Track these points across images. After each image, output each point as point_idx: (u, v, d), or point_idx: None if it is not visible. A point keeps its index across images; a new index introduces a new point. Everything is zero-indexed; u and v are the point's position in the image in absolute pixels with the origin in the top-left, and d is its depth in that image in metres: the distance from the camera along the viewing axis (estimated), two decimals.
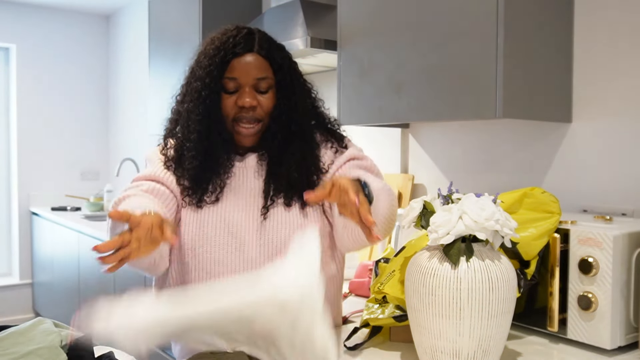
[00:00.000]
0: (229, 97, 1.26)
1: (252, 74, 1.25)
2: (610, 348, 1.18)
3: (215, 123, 1.26)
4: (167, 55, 3.22)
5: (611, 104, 1.58)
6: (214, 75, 1.25)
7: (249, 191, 1.30)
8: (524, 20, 1.49)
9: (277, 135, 1.28)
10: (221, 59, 1.25)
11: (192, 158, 1.27)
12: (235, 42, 1.26)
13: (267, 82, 1.27)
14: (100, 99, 4.97)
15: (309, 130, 1.33)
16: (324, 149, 1.35)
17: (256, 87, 1.26)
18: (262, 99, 1.27)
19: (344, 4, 1.93)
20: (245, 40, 1.26)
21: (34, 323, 1.05)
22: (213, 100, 1.25)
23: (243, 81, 1.25)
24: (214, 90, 1.25)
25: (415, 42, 1.67)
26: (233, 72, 1.25)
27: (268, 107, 1.27)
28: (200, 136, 1.26)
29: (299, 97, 1.30)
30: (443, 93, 1.59)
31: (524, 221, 1.21)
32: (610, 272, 1.16)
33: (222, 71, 1.25)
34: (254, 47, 1.26)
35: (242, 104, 1.25)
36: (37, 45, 4.65)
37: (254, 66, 1.25)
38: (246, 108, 1.25)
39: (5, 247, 4.76)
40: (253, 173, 1.32)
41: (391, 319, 1.21)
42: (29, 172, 4.65)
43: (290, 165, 1.28)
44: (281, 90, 1.29)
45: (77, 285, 3.70)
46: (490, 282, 0.99)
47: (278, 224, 1.26)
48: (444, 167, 2.08)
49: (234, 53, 1.25)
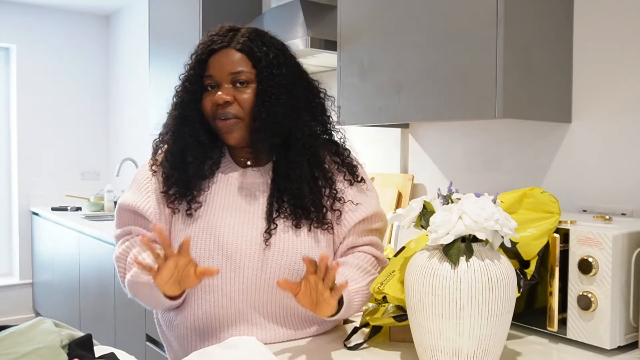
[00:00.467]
0: (207, 95, 1.23)
1: (226, 68, 1.20)
2: (610, 348, 1.18)
3: (191, 124, 1.23)
4: (167, 55, 3.22)
5: (611, 104, 1.58)
6: (192, 76, 1.23)
7: (248, 209, 1.24)
8: (524, 21, 1.49)
9: (262, 135, 1.21)
10: (198, 57, 1.23)
11: (174, 167, 1.24)
12: (212, 39, 1.22)
13: (244, 75, 1.20)
14: (100, 99, 4.97)
15: (312, 140, 1.25)
16: (339, 183, 1.29)
17: (233, 83, 1.21)
18: (238, 94, 1.20)
19: (344, 4, 1.93)
20: (224, 37, 1.22)
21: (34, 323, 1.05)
22: (191, 101, 1.23)
23: (218, 77, 1.21)
24: (192, 90, 1.23)
25: (415, 42, 1.67)
26: (209, 69, 1.22)
27: (247, 103, 1.20)
28: (181, 141, 1.24)
29: (282, 91, 1.20)
30: (443, 93, 1.59)
31: (524, 221, 1.21)
32: (609, 272, 1.16)
33: (200, 71, 1.22)
34: (231, 43, 1.21)
35: (214, 100, 1.20)
36: (37, 45, 4.65)
37: (228, 61, 1.20)
38: (221, 105, 1.20)
39: (6, 247, 4.77)
40: (254, 190, 1.27)
41: (391, 319, 1.21)
42: (29, 172, 4.65)
43: (301, 185, 1.22)
44: (260, 84, 1.20)
45: (77, 285, 3.70)
46: (490, 282, 0.99)
47: (283, 250, 1.21)
48: (444, 167, 2.08)
49: (210, 51, 1.22)
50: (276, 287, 1.21)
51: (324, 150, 1.30)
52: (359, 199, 1.30)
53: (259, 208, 1.25)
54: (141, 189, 1.28)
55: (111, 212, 4.21)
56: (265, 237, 1.21)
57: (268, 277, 1.21)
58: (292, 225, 1.23)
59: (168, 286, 1.09)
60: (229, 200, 1.25)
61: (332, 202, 1.27)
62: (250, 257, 1.20)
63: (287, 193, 1.23)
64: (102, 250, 3.24)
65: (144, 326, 2.82)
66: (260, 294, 1.22)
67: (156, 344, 2.75)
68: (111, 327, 3.22)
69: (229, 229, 1.22)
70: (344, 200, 1.28)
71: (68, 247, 3.82)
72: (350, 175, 1.31)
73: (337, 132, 1.34)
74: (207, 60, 1.22)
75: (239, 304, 1.22)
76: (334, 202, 1.27)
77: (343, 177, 1.31)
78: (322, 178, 1.27)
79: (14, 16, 4.54)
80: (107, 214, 4.12)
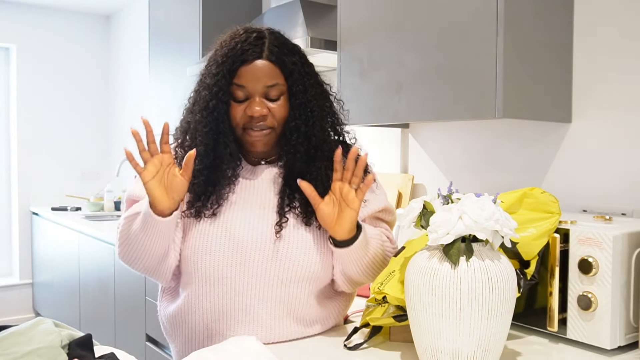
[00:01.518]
0: (238, 106, 1.22)
1: (261, 81, 1.20)
2: (610, 348, 1.18)
3: (223, 135, 1.22)
4: (167, 55, 3.22)
5: (611, 104, 1.58)
6: (222, 85, 1.20)
7: (260, 204, 1.25)
8: (524, 20, 1.49)
9: (298, 148, 1.23)
10: (229, 66, 1.20)
11: (199, 172, 1.23)
12: (243, 47, 1.20)
13: (277, 89, 1.21)
14: (100, 98, 4.97)
15: (330, 145, 1.27)
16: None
17: (266, 95, 1.21)
18: (273, 107, 1.21)
19: (344, 4, 1.93)
20: (254, 46, 1.20)
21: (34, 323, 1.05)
22: (221, 110, 1.21)
23: (252, 89, 1.20)
24: (222, 100, 1.21)
25: (415, 42, 1.67)
26: (241, 80, 1.20)
27: (280, 115, 1.22)
28: (207, 149, 1.22)
29: (314, 104, 1.24)
30: (443, 93, 1.59)
31: (524, 221, 1.21)
32: (610, 272, 1.16)
33: (230, 79, 1.20)
34: (263, 53, 1.20)
35: (251, 113, 1.20)
36: (37, 45, 4.65)
37: (263, 74, 1.20)
38: (256, 117, 1.20)
39: (6, 247, 4.77)
40: (266, 185, 1.28)
41: (391, 319, 1.21)
42: (29, 172, 4.65)
43: (316, 185, 1.22)
44: (294, 97, 1.23)
45: (77, 285, 3.71)
46: (490, 282, 0.99)
47: (294, 243, 1.23)
48: (444, 167, 2.08)
49: (242, 60, 1.20)
50: (285, 283, 1.22)
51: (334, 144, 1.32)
52: (367, 197, 1.32)
53: (271, 202, 1.26)
54: None
55: (111, 212, 4.21)
56: (276, 229, 1.22)
57: (277, 271, 1.22)
58: (302, 222, 1.25)
59: (156, 188, 1.12)
60: (241, 195, 1.27)
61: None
62: (261, 250, 1.21)
63: (300, 192, 1.24)
64: (102, 250, 3.24)
65: (144, 326, 2.82)
66: (269, 289, 1.22)
67: (156, 344, 2.75)
68: (111, 327, 3.22)
69: (241, 222, 1.23)
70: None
71: (68, 247, 3.82)
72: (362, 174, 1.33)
73: (348, 133, 1.36)
74: (237, 69, 1.21)
75: (247, 299, 1.22)
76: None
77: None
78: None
79: (14, 16, 4.54)
80: (107, 214, 4.12)
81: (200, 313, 1.24)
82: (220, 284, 1.22)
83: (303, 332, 1.28)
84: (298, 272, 1.22)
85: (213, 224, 1.23)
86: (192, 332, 1.26)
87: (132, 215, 1.21)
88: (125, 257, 1.24)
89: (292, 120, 1.23)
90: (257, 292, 1.22)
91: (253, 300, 1.22)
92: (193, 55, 2.91)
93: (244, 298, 1.22)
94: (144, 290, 2.75)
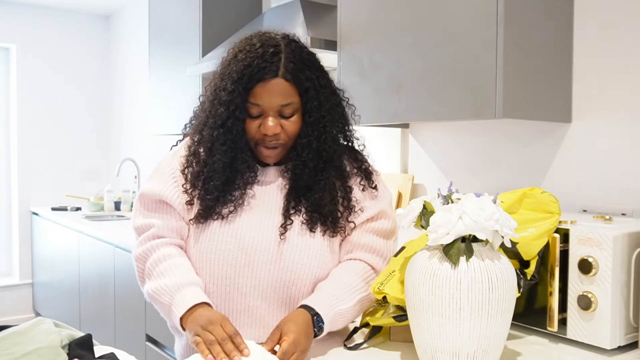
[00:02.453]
0: (252, 121, 1.22)
1: (276, 101, 1.19)
2: (610, 348, 1.18)
3: (241, 151, 1.23)
4: (167, 55, 3.22)
5: (611, 104, 1.58)
6: (238, 102, 1.20)
7: (266, 207, 1.26)
8: (524, 20, 1.49)
9: (308, 164, 1.24)
10: (245, 84, 1.19)
11: (215, 188, 1.23)
12: (259, 66, 1.18)
13: (292, 107, 1.21)
14: (100, 99, 4.97)
15: (340, 157, 1.29)
16: (354, 185, 1.31)
17: (280, 113, 1.21)
18: (286, 124, 1.22)
19: (344, 4, 1.93)
20: (270, 64, 1.18)
21: (34, 323, 1.05)
22: (238, 128, 1.21)
23: (266, 108, 1.20)
24: (239, 117, 1.21)
25: (415, 42, 1.67)
26: (256, 98, 1.19)
27: (293, 131, 1.23)
28: (225, 166, 1.23)
29: (327, 119, 1.25)
30: (443, 93, 1.59)
31: (524, 221, 1.21)
32: (610, 272, 1.16)
33: (246, 97, 1.20)
34: (279, 72, 1.19)
35: (265, 131, 1.20)
36: (37, 45, 4.65)
37: (278, 92, 1.19)
38: (269, 136, 1.21)
39: (6, 247, 4.76)
40: (274, 189, 1.28)
41: (391, 319, 1.21)
42: (29, 172, 4.65)
43: (323, 195, 1.24)
44: (308, 114, 1.23)
45: (77, 285, 3.71)
46: (490, 282, 0.99)
47: (298, 246, 1.24)
48: (444, 167, 2.08)
49: (257, 79, 1.19)
50: (288, 285, 1.23)
51: (344, 155, 1.32)
52: (367, 204, 1.31)
53: (277, 205, 1.27)
54: (166, 179, 1.28)
55: (111, 212, 4.21)
56: (281, 231, 1.23)
57: (281, 273, 1.22)
58: (307, 227, 1.25)
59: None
60: (250, 198, 1.27)
61: (348, 213, 1.29)
62: (265, 251, 1.22)
63: (306, 199, 1.25)
64: (102, 250, 3.24)
65: (144, 326, 2.82)
66: (272, 291, 1.23)
67: (156, 344, 2.75)
68: (111, 327, 3.22)
69: (247, 224, 1.24)
70: (356, 209, 1.30)
71: (68, 247, 3.82)
72: (365, 180, 1.33)
73: (357, 139, 1.36)
74: (253, 88, 1.20)
75: (250, 300, 1.23)
76: (350, 214, 1.29)
77: (359, 181, 1.32)
78: (342, 189, 1.29)
79: (14, 16, 4.54)
80: (107, 214, 4.12)
81: None
82: (225, 284, 1.23)
83: None
84: (301, 275, 1.23)
85: (222, 225, 1.24)
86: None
87: (160, 303, 1.20)
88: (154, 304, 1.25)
89: (305, 137, 1.24)
90: (261, 294, 1.23)
91: (256, 302, 1.23)
92: (193, 55, 2.91)
93: (247, 299, 1.23)
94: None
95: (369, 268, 1.30)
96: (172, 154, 1.33)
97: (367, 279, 1.28)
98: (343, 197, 1.28)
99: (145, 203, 1.29)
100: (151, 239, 1.26)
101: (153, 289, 1.21)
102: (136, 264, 1.28)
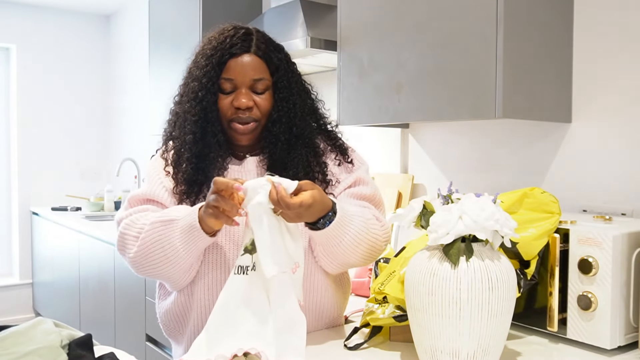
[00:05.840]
0: (225, 98, 1.26)
1: (248, 74, 1.25)
2: (610, 348, 1.18)
3: (211, 124, 1.25)
4: (167, 55, 3.22)
5: (611, 104, 1.58)
6: (211, 76, 1.24)
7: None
8: (524, 20, 1.49)
9: (279, 137, 1.27)
10: (218, 59, 1.25)
11: (187, 160, 1.25)
12: (232, 42, 1.25)
13: (263, 83, 1.26)
14: (100, 99, 4.97)
15: (311, 134, 1.32)
16: (329, 160, 1.34)
17: (253, 88, 1.26)
18: (258, 100, 1.26)
19: (344, 4, 1.93)
20: (243, 41, 1.26)
21: (34, 323, 1.05)
22: (209, 101, 1.25)
23: (239, 82, 1.25)
24: (211, 90, 1.25)
25: (415, 42, 1.67)
26: (229, 72, 1.25)
27: (265, 108, 1.27)
28: (196, 137, 1.25)
29: (297, 98, 1.29)
30: (443, 93, 1.59)
31: (524, 221, 1.21)
32: (609, 272, 1.16)
33: (219, 72, 1.25)
34: (251, 48, 1.25)
35: (238, 104, 1.24)
36: (37, 45, 4.65)
37: (250, 67, 1.25)
38: (242, 109, 1.25)
39: (6, 247, 4.77)
40: (252, 176, 1.30)
41: (391, 319, 1.21)
42: (29, 172, 4.65)
43: (297, 170, 1.26)
44: (278, 92, 1.28)
45: (77, 285, 3.71)
46: (490, 282, 0.99)
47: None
48: (444, 167, 2.08)
49: (230, 53, 1.25)
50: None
51: (318, 136, 1.36)
52: (343, 176, 1.34)
53: None
54: (153, 180, 1.30)
55: (111, 212, 4.21)
56: None
57: None
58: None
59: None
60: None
61: (325, 186, 1.30)
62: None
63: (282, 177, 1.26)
64: (102, 250, 3.24)
65: (144, 326, 2.82)
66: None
67: (156, 344, 2.75)
68: (111, 327, 3.22)
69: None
70: (333, 182, 1.32)
71: (68, 247, 3.82)
72: (341, 156, 1.36)
73: (330, 124, 1.39)
74: (226, 62, 1.25)
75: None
76: (327, 187, 1.31)
77: (334, 156, 1.35)
78: (316, 164, 1.31)
79: (14, 16, 4.54)
80: (107, 214, 4.12)
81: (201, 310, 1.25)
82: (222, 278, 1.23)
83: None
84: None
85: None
86: (197, 331, 1.27)
87: (162, 223, 1.17)
88: (144, 262, 1.19)
89: (275, 113, 1.28)
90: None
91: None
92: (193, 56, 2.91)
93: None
94: (144, 290, 2.75)
95: (371, 214, 1.28)
96: (155, 157, 1.36)
97: (372, 212, 1.28)
98: (318, 171, 1.30)
99: (132, 203, 1.30)
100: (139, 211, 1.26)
101: (161, 215, 1.18)
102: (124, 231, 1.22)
